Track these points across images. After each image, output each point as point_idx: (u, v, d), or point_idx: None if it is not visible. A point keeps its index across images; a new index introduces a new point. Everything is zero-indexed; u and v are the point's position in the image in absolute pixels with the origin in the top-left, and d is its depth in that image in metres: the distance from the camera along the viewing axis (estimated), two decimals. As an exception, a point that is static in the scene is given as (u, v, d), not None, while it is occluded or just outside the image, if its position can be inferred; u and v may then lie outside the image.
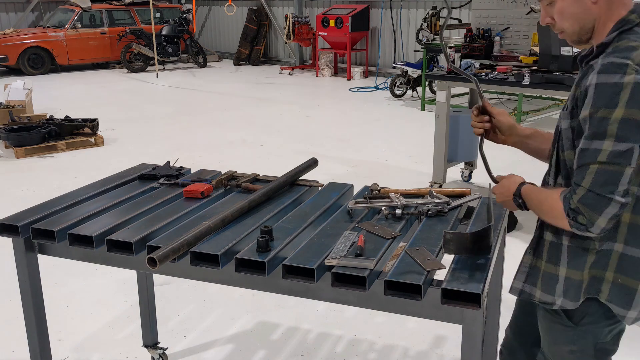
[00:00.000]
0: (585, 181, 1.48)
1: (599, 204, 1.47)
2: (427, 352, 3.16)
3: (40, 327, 2.35)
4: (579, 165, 1.52)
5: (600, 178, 1.47)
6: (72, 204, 2.37)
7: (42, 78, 12.97)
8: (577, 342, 1.74)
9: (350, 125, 8.57)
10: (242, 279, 1.91)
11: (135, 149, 7.40)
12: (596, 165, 1.47)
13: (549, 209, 1.61)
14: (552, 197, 1.61)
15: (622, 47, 1.52)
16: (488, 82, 5.00)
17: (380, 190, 2.40)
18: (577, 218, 1.50)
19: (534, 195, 1.70)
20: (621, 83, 1.46)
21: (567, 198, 1.53)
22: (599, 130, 1.48)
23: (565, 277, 1.69)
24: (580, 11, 1.60)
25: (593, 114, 1.49)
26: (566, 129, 1.63)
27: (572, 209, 1.51)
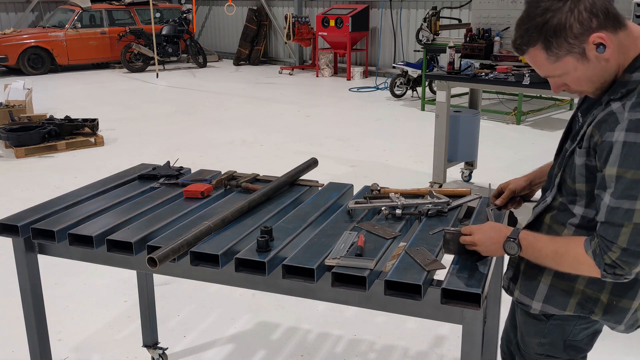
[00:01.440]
0: (621, 240, 1.46)
1: (636, 259, 1.47)
2: (427, 352, 3.16)
3: (40, 327, 2.35)
4: (609, 222, 1.47)
5: (637, 238, 1.45)
6: (72, 204, 2.37)
7: (42, 78, 12.97)
8: (547, 336, 1.76)
9: (350, 125, 8.57)
10: (242, 279, 1.91)
11: (135, 149, 7.40)
12: (632, 225, 1.45)
13: (572, 262, 1.56)
14: (573, 250, 1.55)
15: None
16: (488, 82, 5.00)
17: (380, 190, 2.39)
18: (616, 271, 1.49)
19: (541, 244, 1.63)
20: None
21: (598, 254, 1.49)
22: (630, 192, 1.44)
23: (551, 285, 1.69)
24: (596, 72, 1.52)
25: (622, 174, 1.44)
26: (581, 165, 1.58)
27: (608, 264, 1.48)
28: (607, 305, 1.64)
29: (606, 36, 1.46)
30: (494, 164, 6.45)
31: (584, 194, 1.60)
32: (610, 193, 1.47)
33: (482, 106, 6.59)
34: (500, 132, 8.09)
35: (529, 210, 1.86)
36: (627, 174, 1.43)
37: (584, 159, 1.56)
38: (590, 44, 1.47)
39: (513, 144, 7.47)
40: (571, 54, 1.48)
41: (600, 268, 1.49)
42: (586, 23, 1.45)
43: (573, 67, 1.51)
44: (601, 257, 1.49)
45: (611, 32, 1.47)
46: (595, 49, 1.47)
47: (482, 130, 6.02)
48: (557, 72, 1.54)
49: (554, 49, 1.49)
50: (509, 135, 7.94)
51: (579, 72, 1.51)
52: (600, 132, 1.48)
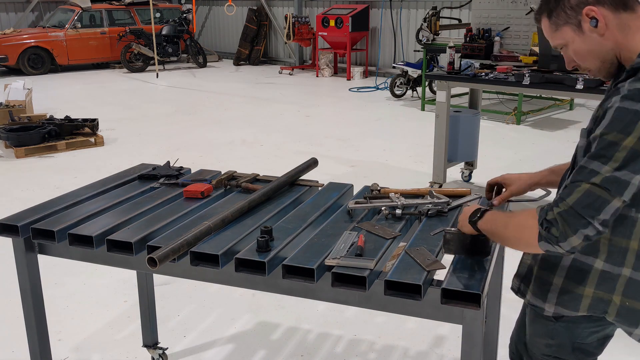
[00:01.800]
0: (571, 198, 1.43)
1: (577, 223, 1.42)
2: (427, 352, 3.16)
3: (40, 327, 2.35)
4: (572, 181, 1.46)
5: (586, 199, 1.41)
6: (72, 204, 2.37)
7: (42, 78, 12.97)
8: (555, 337, 1.74)
9: (350, 125, 8.57)
10: (242, 279, 1.91)
11: (135, 149, 7.40)
12: (587, 186, 1.42)
13: (518, 223, 1.55)
14: (525, 212, 1.54)
15: None
16: (488, 82, 5.00)
17: (380, 190, 2.40)
18: (551, 229, 1.44)
19: (499, 213, 1.69)
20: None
21: (544, 209, 1.47)
22: (603, 152, 1.43)
23: (562, 287, 1.67)
24: (593, 47, 1.57)
25: (604, 134, 1.44)
26: (582, 146, 1.58)
27: (547, 219, 1.45)
28: (620, 306, 1.62)
29: (598, 11, 1.53)
30: (494, 164, 6.45)
31: None
32: (588, 154, 1.47)
33: (482, 106, 6.59)
34: (500, 132, 8.09)
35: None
36: (608, 136, 1.43)
37: (585, 139, 1.56)
38: (584, 16, 1.54)
39: (513, 144, 7.47)
40: (568, 24, 1.58)
41: (539, 222, 1.46)
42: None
43: (571, 38, 1.59)
44: (545, 212, 1.46)
45: (609, 9, 1.53)
46: (589, 22, 1.54)
47: (482, 130, 6.02)
48: (558, 41, 1.63)
49: (554, 17, 1.60)
50: (509, 135, 7.94)
51: (576, 43, 1.59)
52: (603, 107, 1.53)
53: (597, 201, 1.41)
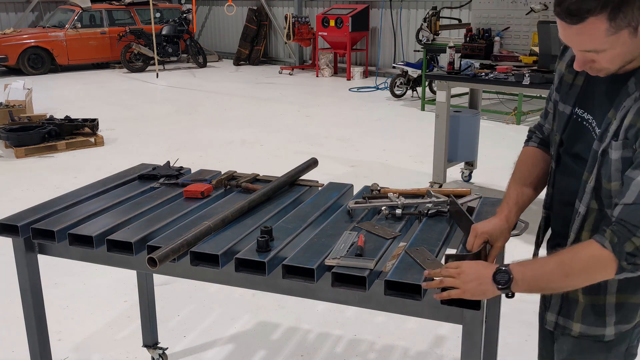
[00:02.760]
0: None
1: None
2: (427, 352, 3.16)
3: (40, 327, 2.35)
4: (637, 202, 1.34)
5: None
6: (72, 204, 2.37)
7: (42, 78, 12.97)
8: (612, 349, 1.62)
9: (350, 125, 8.57)
10: (242, 279, 1.91)
11: (135, 149, 7.40)
12: None
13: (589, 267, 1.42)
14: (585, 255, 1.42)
15: None
16: (488, 82, 5.00)
17: (380, 190, 2.39)
18: (636, 261, 1.36)
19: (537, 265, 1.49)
20: None
21: (617, 242, 1.37)
22: None
23: (617, 303, 1.56)
24: (629, 49, 1.37)
25: None
26: (617, 159, 1.43)
27: (629, 252, 1.35)
28: None
29: None
30: (494, 164, 6.45)
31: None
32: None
33: (482, 106, 6.59)
34: (500, 132, 8.09)
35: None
36: None
37: (620, 152, 1.42)
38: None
39: (513, 144, 7.46)
40: (630, 27, 1.31)
41: (620, 259, 1.36)
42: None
43: (623, 41, 1.33)
44: (622, 245, 1.35)
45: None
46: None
47: (482, 130, 6.02)
48: (607, 46, 1.35)
49: (620, 19, 1.29)
50: (509, 135, 7.94)
51: (624, 47, 1.35)
52: (638, 115, 1.37)
53: None
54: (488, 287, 1.50)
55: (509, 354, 3.05)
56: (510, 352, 3.05)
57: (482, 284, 1.52)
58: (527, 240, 4.28)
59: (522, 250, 4.02)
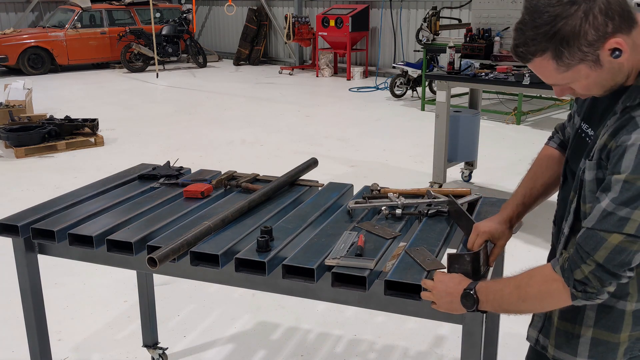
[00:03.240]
0: (599, 254, 1.31)
1: (610, 278, 1.33)
2: (427, 352, 3.16)
3: (40, 327, 2.35)
4: (596, 229, 1.32)
5: (618, 257, 1.30)
6: (72, 204, 2.37)
7: (42, 78, 12.97)
8: None
9: (350, 125, 8.57)
10: (242, 279, 1.91)
11: (135, 149, 7.40)
12: (619, 238, 1.29)
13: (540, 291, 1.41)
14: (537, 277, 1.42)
15: None
16: (488, 82, 5.00)
17: (380, 190, 2.40)
18: (586, 289, 1.35)
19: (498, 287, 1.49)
20: None
21: (568, 269, 1.36)
22: (634, 198, 1.27)
23: (593, 337, 1.50)
24: (608, 77, 1.35)
25: (632, 180, 1.27)
26: (591, 180, 1.40)
27: (578, 280, 1.34)
28: None
29: (622, 41, 1.30)
30: (494, 164, 6.45)
31: None
32: (612, 198, 1.30)
33: (482, 106, 6.59)
34: (500, 132, 8.09)
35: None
36: (636, 181, 1.27)
37: (594, 172, 1.40)
38: (605, 50, 1.31)
39: (513, 144, 7.47)
40: (584, 62, 1.32)
41: (569, 286, 1.35)
42: (602, 28, 1.29)
43: (585, 74, 1.35)
44: (570, 272, 1.35)
45: (626, 33, 1.32)
46: (610, 54, 1.31)
47: (482, 130, 6.02)
48: (567, 80, 1.38)
49: (566, 58, 1.32)
50: (509, 135, 7.94)
51: (590, 79, 1.36)
52: (616, 139, 1.34)
53: (629, 255, 1.31)
54: (458, 306, 1.56)
55: (509, 354, 3.05)
56: (510, 352, 3.05)
57: (452, 302, 1.57)
58: (528, 241, 4.29)
59: (521, 250, 4.02)
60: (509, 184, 5.78)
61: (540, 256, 3.10)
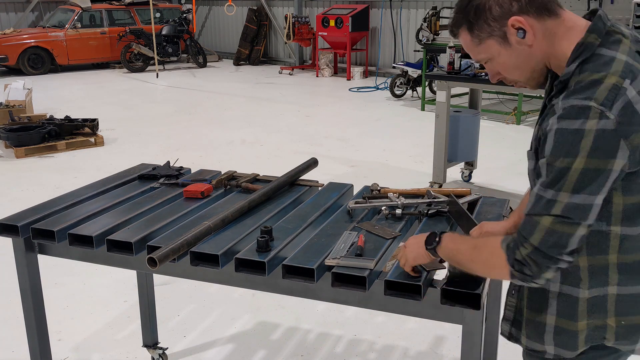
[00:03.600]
0: (534, 237, 1.35)
1: (547, 262, 1.36)
2: (427, 352, 3.16)
3: (40, 327, 2.35)
4: (530, 214, 1.37)
5: (551, 239, 1.34)
6: (72, 204, 2.37)
7: (42, 78, 12.97)
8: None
9: (350, 125, 8.57)
10: (242, 279, 1.91)
11: (135, 149, 7.40)
12: (549, 220, 1.34)
13: (485, 258, 1.47)
14: (488, 246, 1.48)
15: (585, 83, 1.35)
16: (488, 82, 5.00)
17: (380, 190, 2.40)
18: (523, 270, 1.38)
19: (460, 240, 1.58)
20: (583, 130, 1.31)
21: (511, 248, 1.40)
22: (556, 179, 1.33)
23: (556, 326, 1.53)
24: (521, 59, 1.47)
25: (552, 162, 1.34)
26: (531, 170, 1.49)
27: (517, 259, 1.38)
28: (617, 327, 1.49)
29: (525, 20, 1.41)
30: (494, 164, 6.45)
31: None
32: (540, 182, 1.37)
33: (482, 106, 6.59)
34: (500, 132, 8.10)
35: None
36: (557, 162, 1.34)
37: (533, 163, 1.46)
38: (510, 27, 1.42)
39: (513, 144, 7.47)
40: (492, 37, 1.45)
41: (509, 263, 1.40)
42: (506, 6, 1.42)
43: (497, 51, 1.47)
44: (513, 252, 1.39)
45: (534, 18, 1.42)
46: (515, 33, 1.43)
47: (482, 130, 6.02)
48: (482, 55, 1.51)
49: (476, 30, 1.47)
50: (509, 135, 7.94)
51: (502, 57, 1.48)
52: (542, 127, 1.42)
53: (562, 237, 1.34)
54: (421, 249, 1.64)
55: (509, 354, 3.04)
56: (510, 352, 3.05)
57: (418, 247, 1.65)
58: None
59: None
60: (509, 184, 5.79)
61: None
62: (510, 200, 2.34)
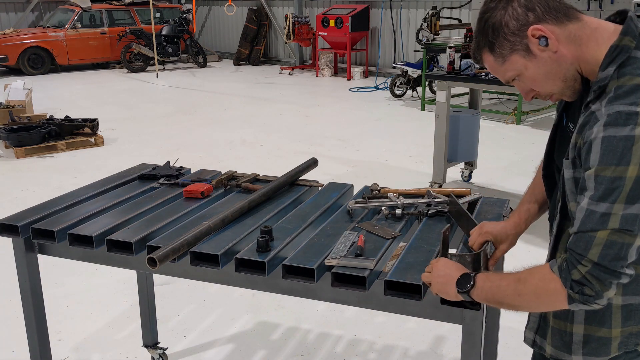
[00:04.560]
0: (592, 253, 1.29)
1: (609, 277, 1.30)
2: (427, 352, 3.16)
3: (40, 327, 2.35)
4: (582, 231, 1.31)
5: (611, 252, 1.28)
6: (72, 204, 2.37)
7: (42, 78, 12.97)
8: None
9: (350, 125, 8.57)
10: (242, 279, 1.91)
11: (135, 149, 7.40)
12: (606, 233, 1.28)
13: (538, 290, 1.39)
14: (536, 277, 1.40)
15: (627, 88, 1.30)
16: (488, 82, 5.00)
17: (380, 190, 2.40)
18: (584, 290, 1.32)
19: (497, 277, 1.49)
20: (632, 136, 1.25)
21: (565, 269, 1.34)
22: (609, 191, 1.27)
23: (584, 334, 1.51)
24: (550, 68, 1.42)
25: (601, 172, 1.28)
26: (569, 179, 1.43)
27: (575, 280, 1.32)
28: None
29: (544, 27, 1.37)
30: (494, 164, 6.45)
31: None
32: (589, 196, 1.30)
33: (482, 106, 6.59)
34: (500, 132, 8.10)
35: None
36: (607, 172, 1.27)
37: (571, 171, 1.42)
38: (531, 38, 1.39)
39: (513, 144, 7.47)
40: (515, 51, 1.42)
41: (566, 287, 1.33)
42: (522, 18, 1.39)
43: (523, 65, 1.43)
44: (568, 272, 1.33)
45: (553, 24, 1.38)
46: (537, 42, 1.39)
47: (482, 130, 6.02)
48: (510, 73, 1.47)
49: (497, 49, 1.44)
50: (509, 135, 7.94)
51: (530, 70, 1.43)
52: (582, 135, 1.36)
53: (623, 249, 1.28)
54: (451, 288, 1.54)
55: (509, 354, 3.05)
56: (510, 352, 3.05)
57: (446, 283, 1.55)
58: (528, 241, 4.29)
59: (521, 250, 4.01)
60: (509, 184, 5.79)
61: (540, 255, 3.10)
62: (510, 200, 2.34)
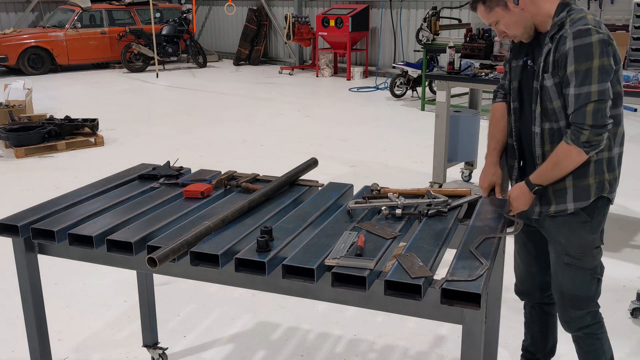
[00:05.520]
0: (587, 119, 2.05)
1: (601, 130, 2.06)
2: (427, 352, 3.16)
3: (40, 327, 2.35)
4: (577, 108, 2.07)
5: (598, 114, 2.05)
6: (72, 204, 2.37)
7: (42, 78, 12.97)
8: (595, 231, 2.25)
9: (350, 125, 8.57)
10: (242, 279, 1.91)
11: (135, 149, 7.40)
12: (592, 105, 2.04)
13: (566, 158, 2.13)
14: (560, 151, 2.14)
15: (577, 18, 2.09)
16: (488, 82, 5.00)
17: (380, 190, 2.40)
18: (592, 144, 2.07)
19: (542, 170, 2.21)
20: (591, 42, 2.04)
21: (575, 138, 2.08)
22: (586, 78, 2.04)
23: (574, 186, 2.20)
24: (517, 19, 2.20)
25: (578, 68, 2.05)
26: (552, 85, 2.15)
27: (585, 142, 2.06)
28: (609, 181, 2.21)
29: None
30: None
31: (561, 108, 2.16)
32: (573, 85, 2.07)
33: (482, 106, 6.59)
34: (500, 132, 8.08)
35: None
36: (581, 67, 2.04)
37: (552, 80, 2.15)
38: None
39: (513, 144, 7.46)
40: (499, 5, 2.19)
41: (580, 147, 2.08)
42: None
43: (501, 15, 2.21)
44: (578, 139, 2.08)
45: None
46: (512, 1, 2.16)
47: (482, 130, 6.01)
48: (492, 19, 2.24)
49: (488, 2, 2.21)
50: (509, 135, 7.92)
51: (505, 19, 2.21)
52: (558, 51, 2.10)
53: (603, 110, 2.06)
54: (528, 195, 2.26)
55: (509, 354, 3.05)
56: (510, 352, 3.05)
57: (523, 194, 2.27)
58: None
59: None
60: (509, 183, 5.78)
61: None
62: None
